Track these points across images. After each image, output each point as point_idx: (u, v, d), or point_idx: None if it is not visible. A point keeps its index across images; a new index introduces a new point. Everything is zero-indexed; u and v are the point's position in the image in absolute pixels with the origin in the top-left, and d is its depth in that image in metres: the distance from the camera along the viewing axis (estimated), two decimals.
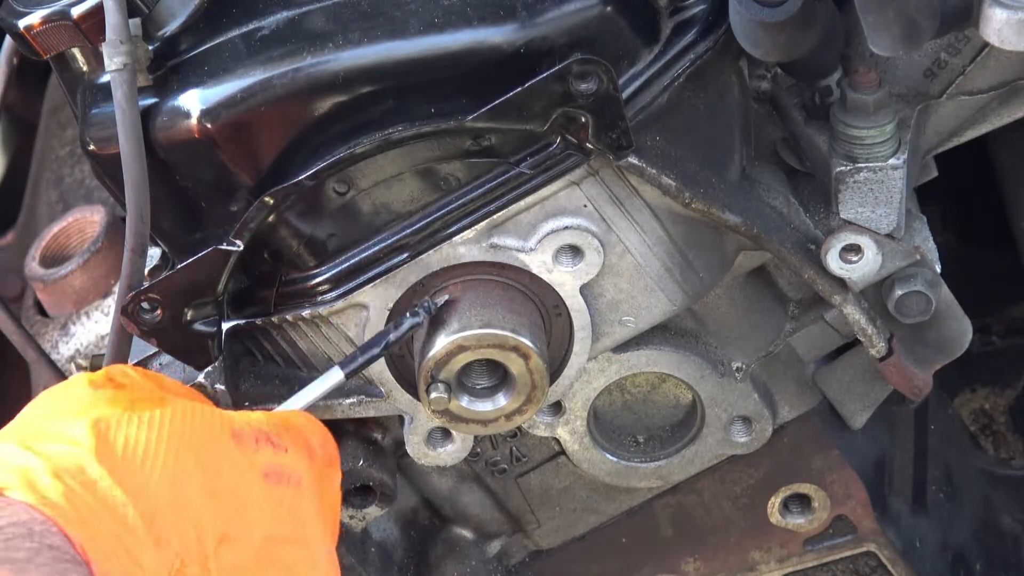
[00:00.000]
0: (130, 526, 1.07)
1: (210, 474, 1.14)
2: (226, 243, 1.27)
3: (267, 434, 1.21)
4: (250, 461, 1.18)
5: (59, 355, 1.84)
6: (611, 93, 1.24)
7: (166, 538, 1.09)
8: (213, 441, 1.17)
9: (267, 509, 1.17)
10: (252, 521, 1.16)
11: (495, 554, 1.61)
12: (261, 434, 1.20)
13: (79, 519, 1.05)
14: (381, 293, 1.33)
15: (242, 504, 1.15)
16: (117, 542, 1.06)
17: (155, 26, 1.27)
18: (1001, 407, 2.11)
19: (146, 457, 1.11)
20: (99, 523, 1.06)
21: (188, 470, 1.13)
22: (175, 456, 1.13)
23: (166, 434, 1.14)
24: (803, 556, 1.60)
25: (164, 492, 1.10)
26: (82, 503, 1.06)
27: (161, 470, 1.11)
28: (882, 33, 1.18)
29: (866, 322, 1.41)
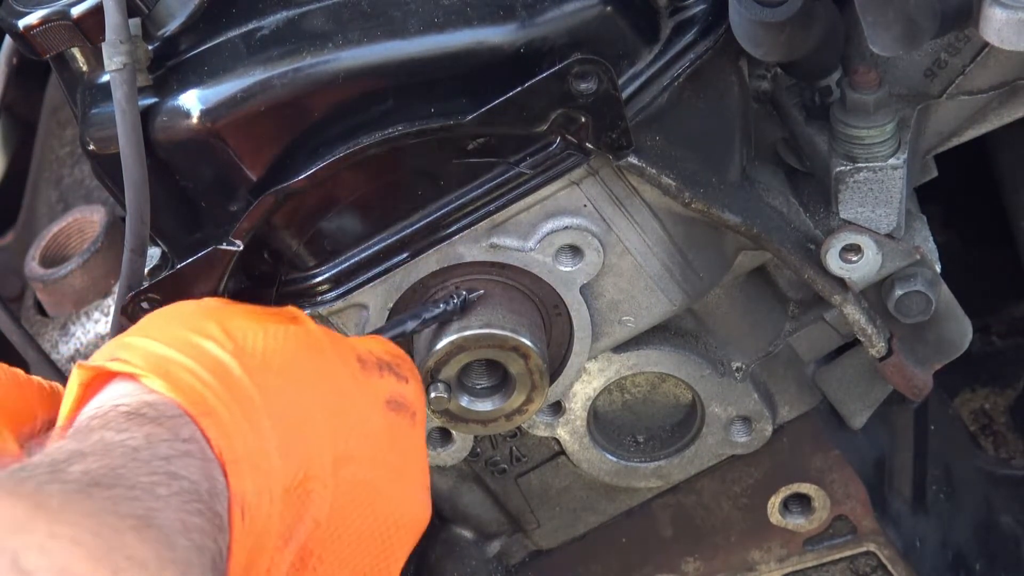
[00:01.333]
0: (263, 433, 1.05)
1: (337, 395, 1.13)
2: (226, 243, 1.27)
3: (389, 363, 1.20)
4: (374, 387, 1.17)
5: (59, 355, 1.84)
6: (611, 93, 1.24)
7: (294, 450, 1.07)
8: (341, 364, 1.15)
9: (384, 437, 1.16)
10: (370, 446, 1.14)
11: (495, 554, 1.61)
12: (384, 363, 1.19)
13: (218, 421, 1.03)
14: (381, 293, 1.33)
15: (364, 428, 1.14)
16: (251, 449, 1.04)
17: (155, 26, 1.27)
18: (1001, 407, 2.11)
19: (282, 367, 1.09)
20: (236, 426, 1.04)
21: (318, 386, 1.11)
22: (307, 371, 1.11)
23: (300, 348, 1.12)
24: (803, 556, 1.60)
25: (295, 404, 1.08)
26: (221, 402, 1.04)
27: (293, 382, 1.09)
28: (882, 33, 1.18)
29: (866, 322, 1.41)
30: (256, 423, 1.05)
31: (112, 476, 0.94)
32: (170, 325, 1.11)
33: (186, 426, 1.02)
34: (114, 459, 0.96)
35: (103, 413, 1.02)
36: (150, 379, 1.04)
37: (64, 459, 0.96)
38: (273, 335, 1.12)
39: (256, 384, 1.07)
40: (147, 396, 1.03)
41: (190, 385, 1.04)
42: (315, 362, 1.13)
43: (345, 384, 1.15)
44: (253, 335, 1.11)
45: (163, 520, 0.94)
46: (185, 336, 1.08)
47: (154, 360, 1.06)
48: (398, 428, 1.18)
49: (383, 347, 1.23)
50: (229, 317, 1.13)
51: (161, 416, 1.02)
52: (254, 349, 1.09)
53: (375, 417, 1.16)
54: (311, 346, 1.14)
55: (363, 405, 1.15)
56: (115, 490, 0.93)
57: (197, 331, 1.09)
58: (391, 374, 1.19)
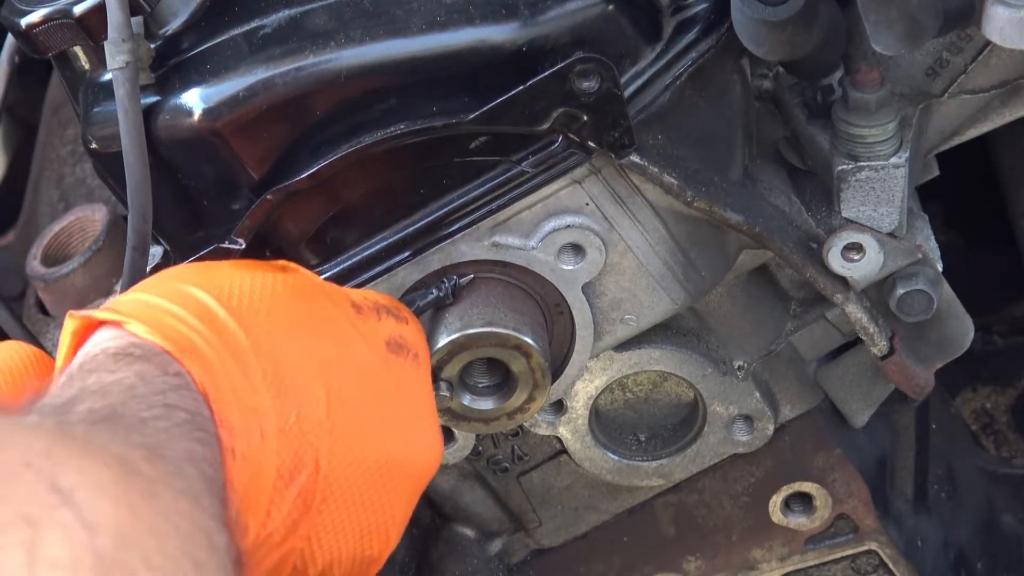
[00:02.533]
0: (251, 372, 1.05)
1: (333, 339, 1.13)
2: (228, 241, 1.27)
3: (387, 307, 1.20)
4: (372, 329, 1.16)
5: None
6: (613, 92, 1.24)
7: (285, 390, 1.06)
8: (335, 309, 1.15)
9: (386, 377, 1.16)
10: (370, 388, 1.13)
11: (496, 553, 1.61)
12: (381, 307, 1.19)
13: (201, 359, 1.03)
14: (382, 291, 1.33)
15: (363, 370, 1.13)
16: (237, 386, 1.04)
17: (157, 24, 1.27)
18: (1003, 406, 2.11)
19: (271, 311, 1.09)
20: (222, 365, 1.04)
21: (311, 330, 1.11)
22: (299, 315, 1.11)
23: (290, 294, 1.12)
24: (804, 555, 1.60)
25: (286, 346, 1.08)
26: (206, 342, 1.04)
27: (284, 325, 1.09)
28: (884, 32, 1.18)
29: (868, 321, 1.41)
30: (243, 362, 1.05)
31: (114, 414, 0.96)
32: (161, 279, 1.12)
33: (171, 363, 1.03)
34: (112, 397, 0.98)
35: (92, 357, 1.03)
36: (132, 324, 1.05)
37: (65, 402, 0.97)
38: (262, 281, 1.12)
39: (243, 326, 1.07)
40: (131, 338, 1.04)
41: (172, 327, 1.05)
42: (307, 306, 1.13)
43: (340, 326, 1.14)
44: (241, 281, 1.11)
45: (170, 450, 0.95)
46: (172, 285, 1.09)
47: (139, 307, 1.06)
48: (400, 368, 1.18)
49: (379, 295, 1.23)
50: (218, 268, 1.14)
51: (148, 354, 1.03)
52: (242, 294, 1.10)
53: (375, 358, 1.15)
54: (303, 291, 1.14)
55: (361, 346, 1.15)
56: (119, 425, 0.94)
57: (185, 281, 1.10)
58: (390, 316, 1.19)
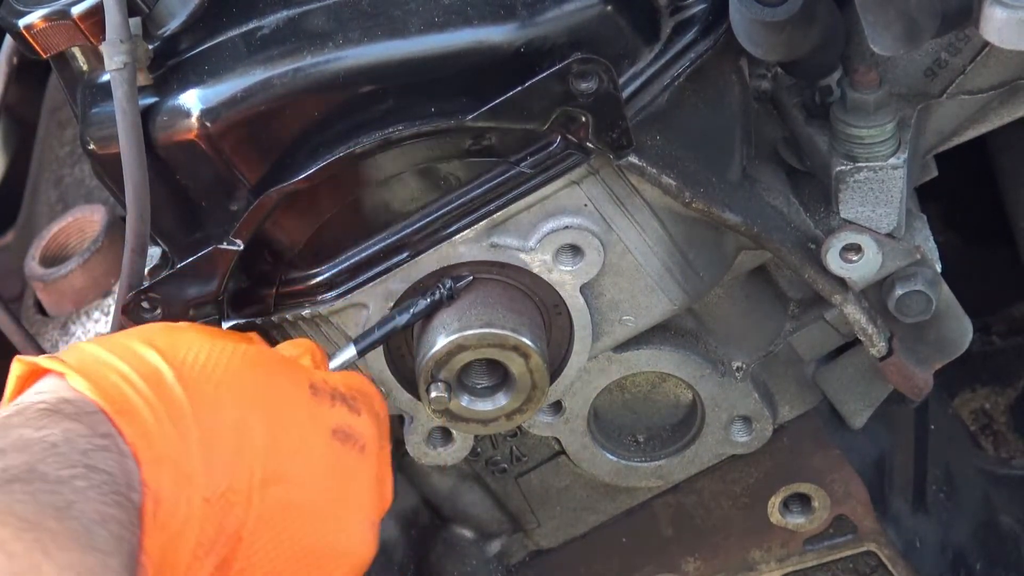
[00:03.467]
0: (188, 438, 1.06)
1: (279, 417, 1.13)
2: (226, 242, 1.27)
3: (343, 395, 1.20)
4: (322, 415, 1.17)
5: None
6: (611, 92, 1.24)
7: (219, 460, 1.08)
8: (290, 387, 1.16)
9: (325, 465, 1.16)
10: (307, 472, 1.14)
11: (495, 554, 1.61)
12: (338, 393, 1.20)
13: (137, 420, 1.04)
14: (381, 292, 1.33)
15: (303, 453, 1.14)
16: (171, 451, 1.05)
17: (155, 25, 1.27)
18: (1001, 407, 2.11)
19: (221, 381, 1.10)
20: (159, 427, 1.05)
21: (259, 405, 1.12)
22: (249, 389, 1.12)
23: (246, 366, 1.13)
24: (803, 555, 1.60)
25: (229, 417, 1.09)
26: (146, 403, 1.05)
27: (232, 397, 1.10)
28: (883, 32, 1.18)
29: (866, 321, 1.41)
30: (182, 428, 1.06)
31: (31, 472, 0.97)
32: (121, 336, 1.13)
33: (103, 423, 1.03)
34: (33, 455, 0.99)
35: (22, 410, 1.04)
36: (73, 377, 1.05)
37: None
38: (220, 350, 1.13)
39: (188, 392, 1.08)
40: (67, 393, 1.05)
41: (114, 384, 1.06)
42: (260, 381, 1.14)
43: (290, 407, 1.15)
44: (198, 347, 1.12)
45: (82, 511, 0.96)
46: (127, 343, 1.10)
47: (87, 360, 1.07)
48: (342, 458, 1.18)
49: (344, 380, 1.23)
50: (181, 332, 1.14)
51: (79, 412, 1.03)
52: (195, 360, 1.11)
53: (318, 443, 1.17)
54: (259, 365, 1.15)
55: (306, 429, 1.16)
56: (34, 484, 0.95)
57: (142, 340, 1.11)
58: (343, 405, 1.20)
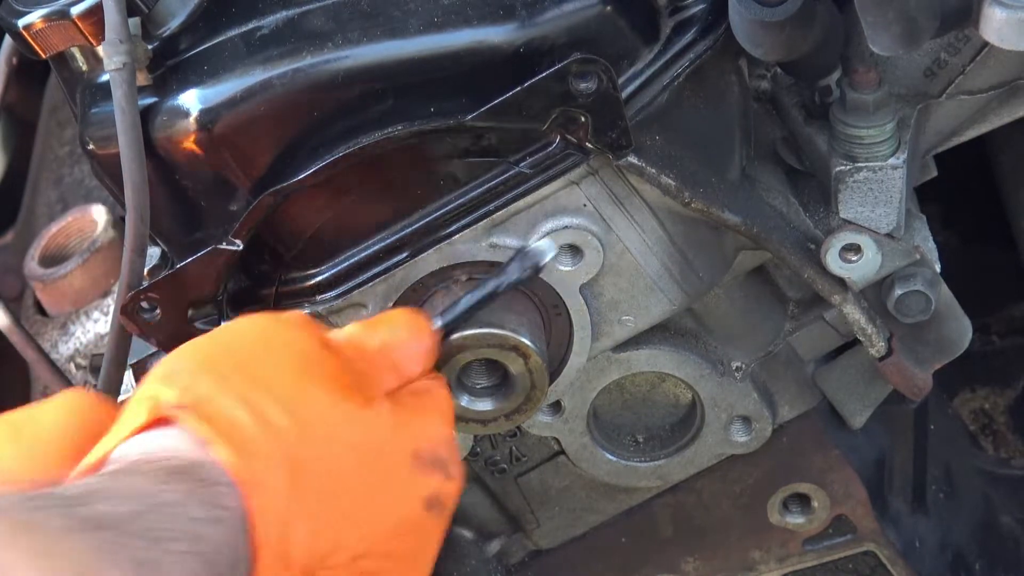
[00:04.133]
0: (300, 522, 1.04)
1: (379, 490, 1.12)
2: (226, 242, 1.27)
3: (443, 460, 1.17)
4: (419, 485, 1.15)
5: (59, 355, 1.84)
6: (611, 92, 1.24)
7: (321, 542, 1.06)
8: (396, 457, 1.13)
9: (411, 534, 1.15)
10: (396, 544, 1.13)
11: (494, 554, 1.61)
12: (438, 461, 1.16)
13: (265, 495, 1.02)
14: (381, 292, 1.33)
15: (393, 525, 1.13)
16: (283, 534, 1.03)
17: (154, 25, 1.27)
18: (1001, 407, 2.11)
19: (339, 457, 1.08)
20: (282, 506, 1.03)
21: (364, 479, 1.10)
22: (360, 463, 1.10)
23: (362, 437, 1.10)
24: (803, 556, 1.60)
25: (338, 495, 1.08)
26: (273, 480, 1.03)
27: (345, 476, 1.09)
28: (882, 32, 1.18)
29: (866, 322, 1.41)
30: (300, 509, 1.04)
31: (129, 523, 0.93)
32: (254, 384, 1.08)
33: (230, 495, 1.00)
34: (138, 506, 0.95)
35: (151, 459, 1.00)
36: (218, 447, 1.02)
37: (90, 492, 0.94)
38: (343, 418, 1.10)
39: (310, 472, 1.06)
40: (199, 455, 1.02)
41: (251, 456, 1.03)
42: (373, 455, 1.11)
43: (393, 482, 1.13)
44: (326, 416, 1.09)
45: (168, 572, 0.92)
46: (260, 408, 1.06)
47: (227, 426, 1.04)
48: (427, 526, 1.16)
49: (444, 439, 1.19)
50: (312, 388, 1.10)
51: (208, 480, 1.00)
52: (323, 435, 1.08)
53: (410, 516, 1.14)
54: (375, 437, 1.12)
55: (402, 502, 1.14)
56: (124, 536, 0.91)
57: (274, 403, 1.07)
58: (440, 473, 1.16)
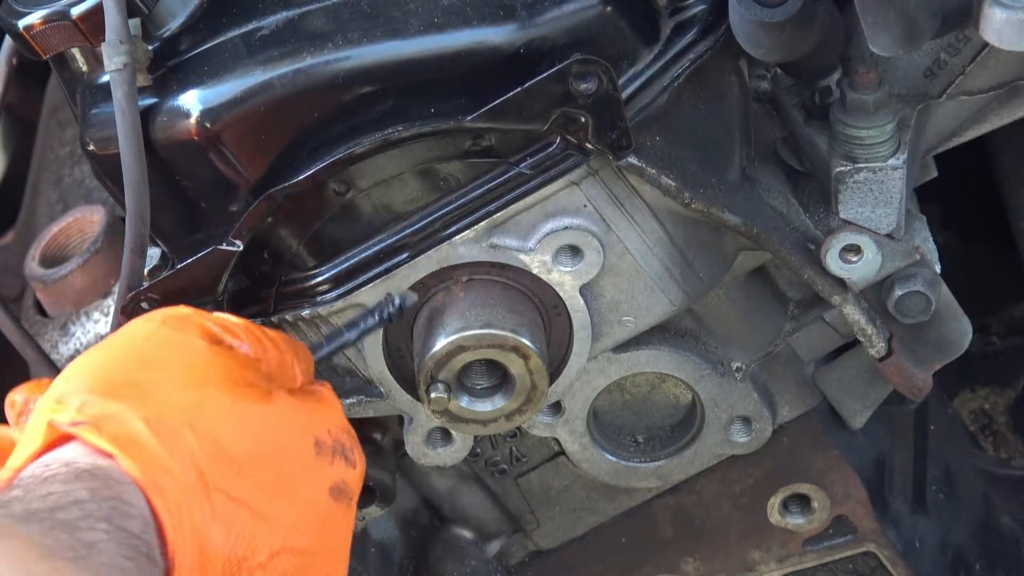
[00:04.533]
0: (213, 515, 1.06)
1: (287, 483, 1.13)
2: (226, 243, 1.27)
3: (344, 446, 1.19)
4: (323, 474, 1.17)
5: (59, 355, 1.84)
6: (611, 93, 1.24)
7: (239, 539, 1.08)
8: (298, 448, 1.15)
9: (321, 525, 1.17)
10: (307, 536, 1.15)
11: (495, 554, 1.61)
12: (339, 446, 1.19)
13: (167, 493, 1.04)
14: (381, 293, 1.33)
15: (304, 517, 1.15)
16: (198, 527, 1.05)
17: (155, 26, 1.27)
18: (1001, 407, 2.11)
19: (243, 456, 1.10)
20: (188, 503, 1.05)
21: (271, 473, 1.12)
22: (264, 456, 1.12)
23: (263, 437, 1.12)
24: (803, 556, 1.60)
25: (247, 489, 1.09)
26: (175, 477, 1.05)
27: (250, 468, 1.10)
28: (882, 33, 1.18)
29: (866, 322, 1.41)
30: (208, 505, 1.06)
31: (52, 515, 0.97)
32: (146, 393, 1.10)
33: (136, 496, 1.03)
34: (56, 502, 0.99)
35: (54, 470, 1.03)
36: (123, 459, 1.04)
37: (5, 501, 0.98)
38: (243, 415, 1.12)
39: (212, 467, 1.08)
40: (100, 461, 1.05)
41: (152, 463, 1.05)
42: (275, 449, 1.13)
43: (296, 470, 1.15)
44: (225, 415, 1.11)
45: (101, 551, 0.96)
46: (155, 410, 1.08)
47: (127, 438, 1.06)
48: (335, 516, 1.18)
49: (344, 425, 1.21)
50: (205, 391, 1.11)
51: (109, 479, 1.03)
52: (224, 436, 1.10)
53: (319, 504, 1.16)
54: (276, 430, 1.14)
55: (309, 492, 1.16)
56: (54, 526, 0.95)
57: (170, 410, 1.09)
58: (342, 459, 1.19)
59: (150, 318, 1.18)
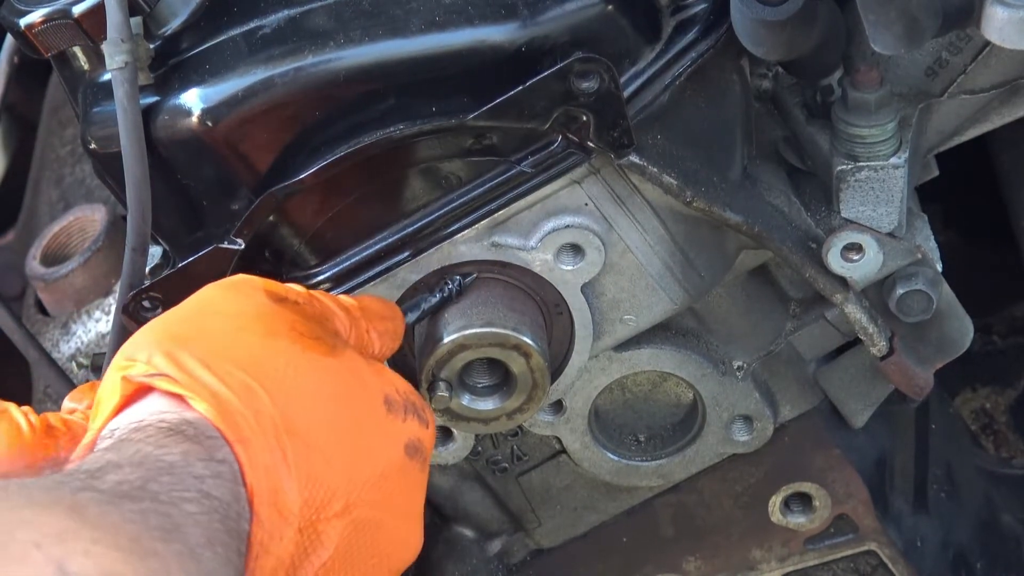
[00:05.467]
0: (289, 472, 1.07)
1: (360, 436, 1.14)
2: (227, 242, 1.27)
3: (415, 405, 1.20)
4: (396, 431, 1.17)
5: (60, 354, 1.84)
6: (612, 92, 1.24)
7: (313, 493, 1.09)
8: (369, 404, 1.16)
9: (397, 481, 1.17)
10: (382, 490, 1.15)
11: (496, 553, 1.61)
12: (409, 405, 1.20)
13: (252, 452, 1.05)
14: (382, 292, 1.33)
15: (379, 472, 1.15)
16: (278, 484, 1.06)
17: (156, 24, 1.27)
18: (1002, 406, 2.11)
19: (311, 407, 1.11)
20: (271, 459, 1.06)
21: (343, 427, 1.13)
22: (336, 412, 1.12)
23: (328, 382, 1.13)
24: (804, 555, 1.60)
25: (320, 445, 1.10)
26: (255, 433, 1.06)
27: (320, 423, 1.11)
28: (884, 32, 1.18)
29: (867, 321, 1.42)
30: (285, 461, 1.07)
31: (144, 490, 0.97)
32: (215, 343, 1.11)
33: (222, 448, 1.04)
34: (148, 472, 0.99)
35: (143, 427, 1.04)
36: (197, 401, 1.05)
37: (99, 468, 0.98)
38: (310, 367, 1.12)
39: (286, 421, 1.08)
40: (188, 414, 1.05)
41: (233, 412, 1.06)
42: (346, 401, 1.14)
43: (370, 426, 1.16)
44: (295, 371, 1.11)
45: (190, 534, 0.96)
46: (227, 364, 1.09)
47: (200, 384, 1.07)
48: (410, 472, 1.19)
49: (411, 388, 1.22)
50: (267, 346, 1.12)
51: (199, 435, 1.04)
52: (292, 387, 1.10)
53: (393, 461, 1.17)
54: (345, 383, 1.15)
55: (383, 448, 1.16)
56: (144, 503, 0.95)
57: (239, 358, 1.10)
58: (414, 418, 1.20)
59: (215, 283, 1.19)
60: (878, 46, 1.19)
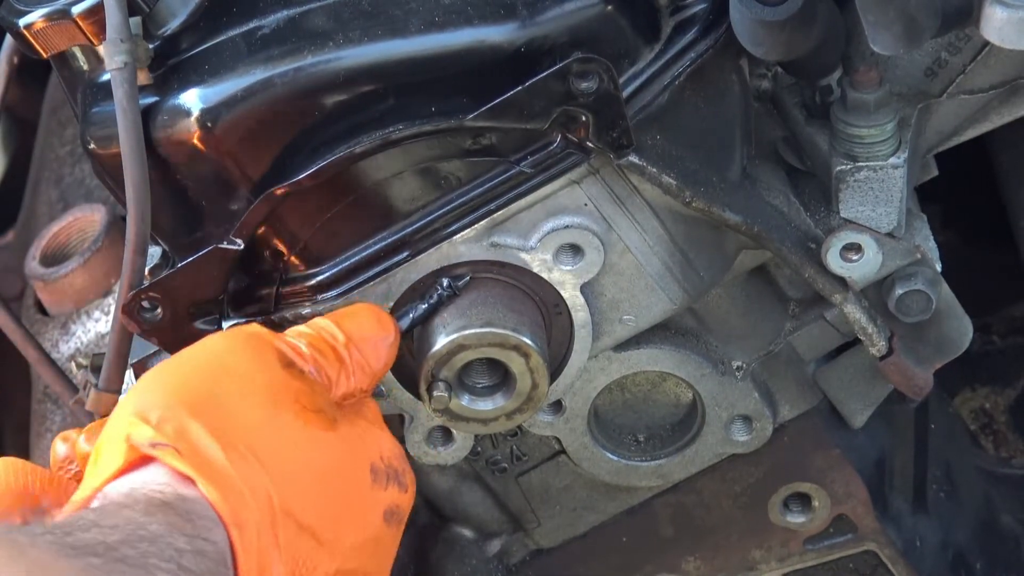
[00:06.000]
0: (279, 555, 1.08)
1: (345, 511, 1.15)
2: (227, 242, 1.27)
3: (397, 472, 1.21)
4: (378, 499, 1.19)
5: (59, 354, 1.85)
6: (611, 92, 1.24)
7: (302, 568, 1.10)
8: (355, 475, 1.17)
9: (374, 548, 1.18)
10: (362, 558, 1.17)
11: (495, 553, 1.61)
12: (392, 472, 1.21)
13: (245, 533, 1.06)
14: (381, 292, 1.33)
15: (360, 542, 1.16)
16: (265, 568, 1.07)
17: (156, 25, 1.27)
18: (1001, 406, 2.11)
19: (310, 485, 1.12)
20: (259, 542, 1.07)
21: (331, 501, 1.14)
22: (323, 486, 1.14)
23: (328, 465, 1.14)
24: (804, 555, 1.60)
25: (310, 521, 1.11)
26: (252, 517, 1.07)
27: (314, 501, 1.12)
28: (883, 32, 1.18)
29: (866, 321, 1.42)
30: (276, 544, 1.08)
31: (115, 550, 0.97)
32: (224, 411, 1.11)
33: (214, 529, 1.04)
34: (126, 536, 0.99)
35: (137, 495, 1.04)
36: (202, 483, 1.06)
37: (76, 525, 0.98)
38: (311, 445, 1.14)
39: (283, 503, 1.09)
40: (185, 491, 1.06)
41: (233, 494, 1.06)
42: (337, 476, 1.15)
43: (356, 499, 1.17)
44: (296, 445, 1.12)
45: None
46: (234, 438, 1.09)
47: (207, 463, 1.07)
48: (387, 537, 1.20)
49: (396, 451, 1.23)
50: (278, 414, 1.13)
51: (192, 513, 1.04)
52: (292, 467, 1.11)
53: (372, 528, 1.18)
54: (339, 459, 1.16)
55: (365, 517, 1.18)
56: (111, 563, 0.96)
57: (246, 429, 1.10)
58: (395, 484, 1.21)
59: (227, 334, 1.20)
60: (877, 46, 1.19)
